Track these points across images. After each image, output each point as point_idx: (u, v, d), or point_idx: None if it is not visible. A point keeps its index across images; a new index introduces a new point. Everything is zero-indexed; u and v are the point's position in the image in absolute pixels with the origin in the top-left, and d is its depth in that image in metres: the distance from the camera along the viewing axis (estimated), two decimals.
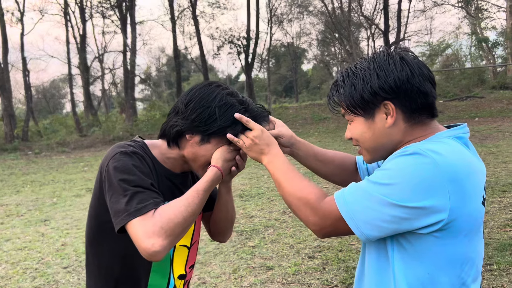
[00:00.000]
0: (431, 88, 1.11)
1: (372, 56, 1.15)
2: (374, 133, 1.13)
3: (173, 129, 1.31)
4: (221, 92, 1.30)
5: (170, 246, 1.14)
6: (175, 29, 25.69)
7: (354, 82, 1.12)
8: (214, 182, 1.26)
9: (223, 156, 1.29)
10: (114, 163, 1.21)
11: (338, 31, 27.03)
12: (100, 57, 31.72)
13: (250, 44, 27.20)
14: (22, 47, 24.94)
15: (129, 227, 1.14)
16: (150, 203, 1.16)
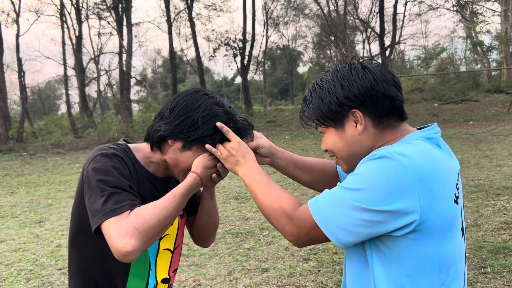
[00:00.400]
0: (397, 92, 1.14)
1: (336, 68, 1.18)
2: (346, 142, 1.16)
3: (156, 133, 1.32)
4: (206, 101, 1.31)
5: (143, 248, 1.14)
6: (171, 31, 25.69)
7: (321, 95, 1.16)
8: (192, 188, 1.27)
9: (203, 163, 1.30)
10: (94, 164, 1.22)
11: (333, 34, 27.13)
12: (96, 58, 31.65)
13: (246, 47, 27.23)
14: (18, 48, 24.84)
15: (103, 227, 1.14)
16: (126, 204, 1.16)
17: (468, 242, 4.25)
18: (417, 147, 1.08)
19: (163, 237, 1.39)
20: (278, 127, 18.86)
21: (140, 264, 1.35)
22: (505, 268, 3.61)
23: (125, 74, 23.38)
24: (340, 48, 28.74)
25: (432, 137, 1.14)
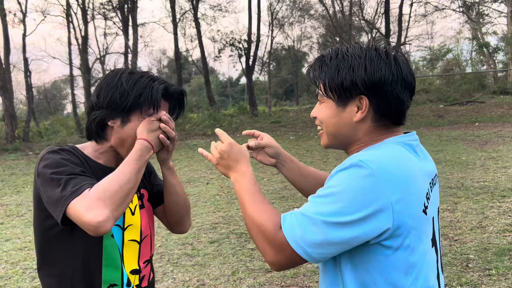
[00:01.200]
0: (408, 97, 1.11)
1: (368, 45, 1.11)
2: (340, 121, 1.11)
3: (94, 122, 1.33)
4: (125, 71, 1.34)
5: (113, 215, 1.14)
6: (177, 31, 25.75)
7: (340, 66, 1.08)
8: (143, 152, 1.27)
9: (146, 127, 1.31)
10: (43, 162, 1.24)
11: (339, 35, 27.08)
12: (102, 58, 31.77)
13: (251, 47, 27.24)
14: (24, 48, 25.01)
15: (69, 211, 1.14)
16: (85, 184, 1.17)
17: (473, 244, 4.24)
18: (391, 152, 1.05)
19: (127, 228, 1.38)
20: (283, 128, 18.84)
21: (111, 254, 1.34)
22: (510, 270, 3.59)
23: None
24: None
25: (409, 143, 1.12)
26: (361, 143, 1.13)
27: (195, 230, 5.31)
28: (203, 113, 23.94)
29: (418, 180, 1.05)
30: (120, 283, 1.36)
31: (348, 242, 0.99)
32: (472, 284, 3.43)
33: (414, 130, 1.24)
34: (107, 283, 1.34)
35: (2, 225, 6.20)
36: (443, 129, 15.39)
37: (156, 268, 4.20)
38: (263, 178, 8.44)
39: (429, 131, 15.29)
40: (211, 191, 7.66)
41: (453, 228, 4.77)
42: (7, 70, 21.08)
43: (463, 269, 3.71)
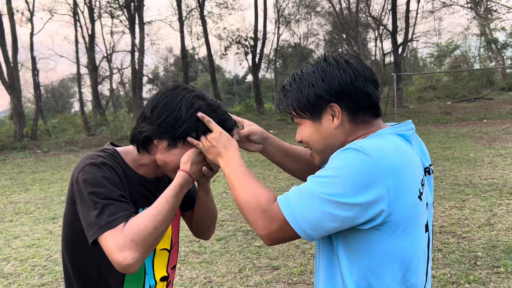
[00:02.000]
0: (374, 89, 1.16)
1: (317, 60, 1.19)
2: (321, 134, 1.17)
3: (141, 135, 1.30)
4: (187, 95, 1.28)
5: (143, 257, 1.14)
6: (183, 29, 25.78)
7: (301, 87, 1.16)
8: (183, 187, 1.25)
9: (191, 159, 1.27)
10: (83, 175, 1.20)
11: (345, 31, 26.97)
12: (109, 57, 31.92)
13: (257, 45, 27.21)
14: (32, 46, 25.18)
15: (101, 241, 1.14)
16: (121, 216, 1.15)
17: (481, 241, 4.21)
18: (387, 141, 1.09)
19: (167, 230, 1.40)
20: (289, 125, 18.82)
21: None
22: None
23: (137, 72, 23.55)
24: (352, 46, 28.57)
25: (403, 134, 1.16)
26: (347, 143, 1.16)
27: None
28: None
29: (414, 168, 1.09)
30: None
31: (343, 221, 1.01)
32: (480, 281, 3.41)
33: (422, 127, 1.24)
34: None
35: (11, 222, 6.26)
36: (450, 126, 15.29)
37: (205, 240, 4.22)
38: (269, 175, 8.44)
39: (437, 128, 15.20)
40: (218, 188, 7.68)
41: (461, 226, 4.74)
42: (15, 69, 21.22)
43: (471, 266, 3.69)
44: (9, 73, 20.51)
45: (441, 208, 5.43)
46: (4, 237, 5.51)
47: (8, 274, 4.27)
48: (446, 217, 5.09)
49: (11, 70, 20.63)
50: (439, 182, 6.80)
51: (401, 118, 18.51)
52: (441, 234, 4.54)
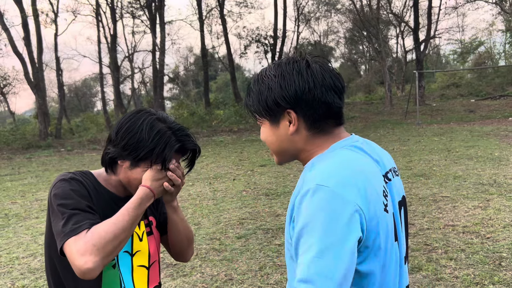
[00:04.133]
0: (335, 98, 1.12)
1: (279, 62, 1.17)
2: (278, 138, 1.17)
3: (107, 156, 1.39)
4: (148, 118, 1.35)
5: (102, 263, 1.18)
6: (203, 28, 25.94)
7: (261, 89, 1.16)
8: (143, 200, 1.31)
9: (152, 176, 1.34)
10: (54, 190, 1.30)
11: (366, 29, 26.68)
12: (130, 56, 32.34)
13: (277, 43, 27.18)
14: (56, 47, 25.71)
15: (65, 247, 1.19)
16: (85, 223, 1.22)
17: (506, 242, 4.13)
18: (340, 159, 1.08)
19: (135, 253, 1.44)
20: None
21: (112, 283, 1.38)
22: None
23: (158, 72, 23.80)
24: (373, 43, 28.25)
25: (356, 145, 1.15)
26: (306, 152, 1.16)
27: (222, 226, 5.37)
28: (229, 109, 24.05)
29: (374, 181, 1.07)
30: None
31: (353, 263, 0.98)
32: (505, 283, 3.35)
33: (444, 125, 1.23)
34: None
35: (37, 219, 6.42)
36: (474, 124, 14.99)
37: (182, 263, 4.27)
38: (289, 174, 8.44)
39: (460, 126, 14.93)
40: (238, 187, 7.71)
41: (485, 226, 4.66)
42: (40, 69, 21.72)
43: (495, 267, 3.63)
44: (34, 73, 21.00)
45: (464, 208, 5.35)
46: (30, 233, 5.66)
47: (35, 269, 4.38)
48: (469, 216, 5.01)
49: (36, 70, 21.13)
50: (462, 181, 6.69)
51: (423, 116, 18.24)
52: (464, 234, 4.48)
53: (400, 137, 13.21)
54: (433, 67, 36.20)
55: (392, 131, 15.18)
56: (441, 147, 10.53)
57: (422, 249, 4.14)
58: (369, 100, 27.78)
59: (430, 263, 3.80)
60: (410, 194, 6.20)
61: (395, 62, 35.83)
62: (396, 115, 20.45)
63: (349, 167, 1.06)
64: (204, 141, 16.60)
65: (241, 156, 11.77)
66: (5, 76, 30.57)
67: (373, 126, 17.48)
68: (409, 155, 9.76)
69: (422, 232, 4.61)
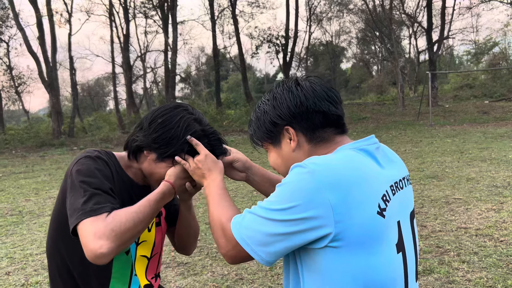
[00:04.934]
0: (330, 106, 1.14)
1: (272, 88, 1.23)
2: (283, 158, 1.19)
3: (134, 143, 1.37)
4: (185, 117, 1.34)
5: (117, 251, 1.15)
6: (215, 28, 26.02)
7: (258, 116, 1.22)
8: (165, 195, 1.29)
9: (176, 174, 1.33)
10: (78, 166, 1.26)
11: (379, 29, 26.53)
12: (142, 56, 32.57)
13: (288, 43, 27.15)
14: (70, 46, 26.01)
15: (80, 226, 1.15)
16: (107, 205, 1.18)
17: None
18: (338, 156, 1.07)
19: (140, 243, 1.43)
20: None
21: (122, 268, 1.37)
22: None
23: (170, 71, 23.93)
24: (385, 44, 28.07)
25: (364, 148, 1.12)
26: None
27: None
28: (241, 109, 24.10)
29: (370, 181, 1.03)
30: None
31: (289, 240, 0.99)
32: None
33: (457, 126, 1.22)
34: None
35: (51, 217, 6.50)
36: (488, 126, 14.81)
37: (195, 261, 4.30)
38: None
39: (473, 128, 14.76)
40: (248, 187, 7.73)
41: (498, 229, 4.60)
42: (54, 68, 21.97)
43: (509, 271, 3.59)
44: (48, 72, 21.26)
45: (477, 211, 5.29)
46: (44, 230, 5.73)
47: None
48: (482, 219, 4.96)
49: (50, 70, 21.38)
50: (475, 184, 6.62)
51: (436, 118, 18.07)
52: (477, 237, 4.43)
53: (412, 138, 13.11)
54: (446, 68, 35.86)
55: (404, 132, 15.07)
56: (454, 148, 10.43)
57: (434, 251, 4.10)
58: (381, 101, 27.61)
59: (442, 265, 3.77)
60: (422, 196, 6.15)
61: (407, 63, 35.56)
62: (409, 116, 20.29)
63: (341, 161, 1.04)
64: None
65: (252, 156, 11.78)
66: (19, 75, 31.04)
67: (385, 127, 17.36)
68: (421, 156, 9.68)
69: (434, 234, 4.57)
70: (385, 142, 12.76)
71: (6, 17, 25.98)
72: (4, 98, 31.07)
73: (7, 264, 4.63)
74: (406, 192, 1.16)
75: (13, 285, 4.07)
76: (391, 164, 1.16)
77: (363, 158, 1.09)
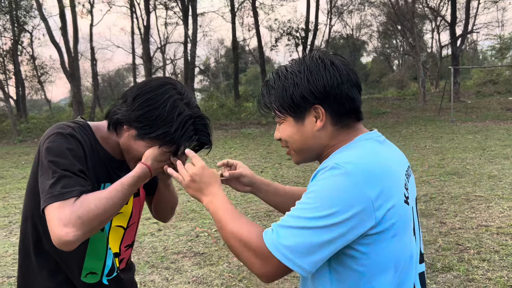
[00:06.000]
0: (357, 93, 1.14)
1: (303, 59, 1.15)
2: (303, 135, 1.14)
3: (114, 115, 1.29)
4: (174, 96, 1.25)
5: (83, 237, 1.10)
6: (235, 20, 25.97)
7: (286, 85, 1.13)
8: (140, 178, 1.24)
9: (154, 156, 1.26)
10: (48, 143, 1.19)
11: (400, 22, 26.07)
12: (162, 48, 32.73)
13: (308, 36, 26.95)
14: (91, 37, 26.30)
15: (47, 211, 1.11)
16: (75, 190, 1.13)
17: None
18: (364, 149, 1.08)
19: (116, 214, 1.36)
20: None
21: (98, 244, 1.34)
22: None
23: (189, 63, 24.01)
24: (407, 38, 27.59)
25: (377, 139, 1.15)
26: (329, 147, 1.15)
27: (250, 217, 5.39)
28: None
29: (395, 172, 1.07)
30: (100, 272, 1.38)
31: (332, 243, 0.98)
32: None
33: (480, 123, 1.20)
34: (87, 270, 1.35)
35: None
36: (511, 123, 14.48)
37: (211, 252, 4.32)
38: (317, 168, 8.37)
39: (496, 124, 14.44)
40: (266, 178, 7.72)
41: None
42: (75, 58, 22.26)
43: None
44: (70, 62, 21.55)
45: (499, 209, 5.18)
46: None
47: None
48: (504, 217, 4.86)
49: (72, 60, 21.67)
50: (497, 181, 6.49)
51: (458, 114, 17.73)
52: (498, 235, 4.34)
53: (433, 134, 12.90)
54: (469, 63, 35.12)
55: (424, 127, 14.84)
56: (476, 145, 10.23)
57: (454, 249, 4.04)
58: (401, 96, 27.22)
59: (462, 263, 3.71)
60: (442, 193, 6.05)
61: (429, 57, 34.95)
62: (429, 111, 19.96)
63: (371, 156, 1.06)
64: (233, 133, 16.67)
65: (269, 149, 11.77)
66: (42, 65, 31.58)
67: (405, 122, 17.12)
68: (441, 152, 9.52)
69: (454, 232, 4.50)
70: (404, 138, 12.58)
71: (30, 8, 26.41)
72: (27, 88, 31.68)
73: None
74: (412, 180, 1.21)
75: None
76: (398, 155, 1.19)
77: (382, 148, 1.12)
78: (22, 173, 9.88)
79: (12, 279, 3.93)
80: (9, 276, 4.02)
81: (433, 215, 5.09)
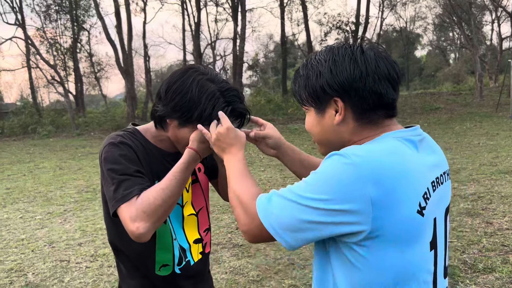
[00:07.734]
0: (388, 87, 1.04)
1: (332, 47, 1.09)
2: (323, 128, 1.10)
3: (156, 113, 1.39)
4: (198, 78, 1.33)
5: (154, 227, 1.25)
6: (283, 15, 25.91)
7: (310, 74, 1.08)
8: (190, 163, 1.32)
9: (198, 138, 1.33)
10: (104, 154, 1.33)
11: (457, 14, 24.94)
12: (212, 44, 33.24)
13: (359, 30, 26.40)
14: (144, 34, 27.16)
15: (119, 213, 1.26)
16: (135, 189, 1.26)
17: None
18: (381, 146, 1.00)
19: (185, 204, 1.50)
20: None
21: (164, 237, 1.45)
22: None
23: (238, 59, 24.25)
24: (464, 30, 26.38)
25: (410, 139, 1.05)
26: (352, 143, 1.07)
27: None
28: None
29: (414, 178, 0.98)
30: (172, 263, 1.49)
31: (318, 228, 0.96)
32: None
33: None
34: (160, 264, 1.47)
35: None
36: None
37: (250, 244, 4.41)
38: None
39: None
40: None
41: None
42: (129, 55, 23.15)
43: None
44: (125, 59, 22.44)
45: None
46: None
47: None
48: None
49: (126, 57, 22.56)
50: None
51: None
52: None
53: (488, 131, 12.31)
54: None
55: (480, 124, 14.17)
56: None
57: (498, 250, 3.89)
58: (457, 91, 26.06)
59: (506, 265, 3.57)
60: (491, 192, 5.80)
61: (488, 51, 33.18)
62: (486, 107, 19.01)
63: (387, 154, 0.97)
64: (279, 129, 16.70)
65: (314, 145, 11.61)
66: (99, 61, 33.07)
67: (459, 118, 16.42)
68: (496, 150, 9.08)
69: (501, 232, 4.32)
70: (457, 135, 12.09)
71: (88, 7, 27.71)
72: (85, 83, 33.30)
73: (79, 236, 5.05)
74: (445, 187, 1.10)
75: (84, 255, 4.44)
76: (434, 158, 1.09)
77: (408, 150, 1.01)
78: (78, 165, 10.47)
79: (64, 263, 4.23)
80: (62, 260, 4.31)
81: (479, 215, 4.90)
